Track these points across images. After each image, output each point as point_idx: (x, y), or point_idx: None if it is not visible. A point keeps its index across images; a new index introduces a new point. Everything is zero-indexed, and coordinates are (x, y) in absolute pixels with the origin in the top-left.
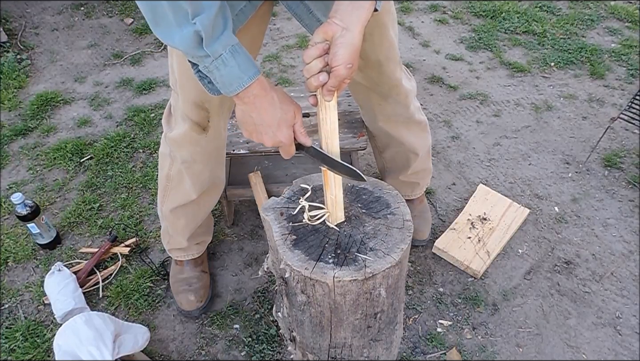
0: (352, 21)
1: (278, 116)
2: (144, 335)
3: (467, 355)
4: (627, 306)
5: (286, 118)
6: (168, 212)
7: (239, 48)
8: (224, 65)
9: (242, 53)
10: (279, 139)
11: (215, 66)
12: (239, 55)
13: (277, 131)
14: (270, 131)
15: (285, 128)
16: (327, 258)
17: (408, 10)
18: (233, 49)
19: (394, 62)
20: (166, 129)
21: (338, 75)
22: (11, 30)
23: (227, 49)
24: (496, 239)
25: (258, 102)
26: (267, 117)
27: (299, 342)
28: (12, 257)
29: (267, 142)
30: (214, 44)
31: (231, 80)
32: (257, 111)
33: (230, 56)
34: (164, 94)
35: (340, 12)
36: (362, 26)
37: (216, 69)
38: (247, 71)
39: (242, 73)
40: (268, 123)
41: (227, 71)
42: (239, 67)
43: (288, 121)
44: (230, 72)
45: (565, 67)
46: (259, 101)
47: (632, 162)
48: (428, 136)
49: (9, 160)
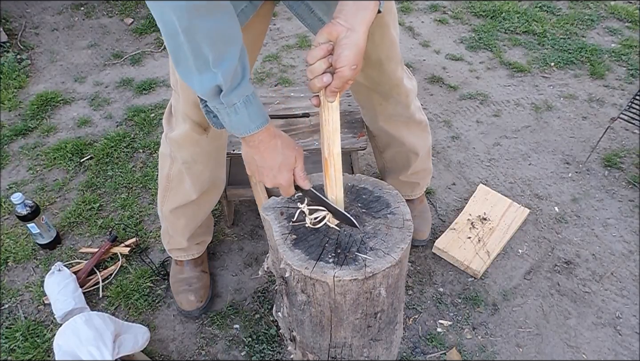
0: (356, 22)
1: (279, 161)
2: (144, 335)
3: (467, 355)
4: (627, 306)
5: (287, 163)
6: (168, 212)
7: (252, 98)
8: (235, 113)
9: (254, 103)
10: (278, 181)
11: (226, 112)
12: (252, 105)
13: (277, 174)
14: (271, 174)
15: (285, 172)
16: (327, 258)
17: (408, 10)
18: (247, 99)
19: (395, 62)
20: (167, 129)
21: (342, 76)
22: (11, 30)
23: (242, 99)
24: (496, 239)
25: (262, 147)
26: (269, 161)
27: (299, 342)
28: (12, 257)
29: (267, 183)
30: (231, 95)
31: (239, 126)
32: (260, 155)
33: (243, 106)
34: (164, 94)
35: (345, 12)
36: (366, 27)
37: (226, 115)
38: (256, 121)
39: (251, 122)
40: (270, 166)
41: (238, 119)
42: (249, 117)
43: (289, 165)
44: (240, 120)
45: (565, 67)
46: (263, 146)
47: (632, 162)
48: (428, 136)
49: (9, 160)
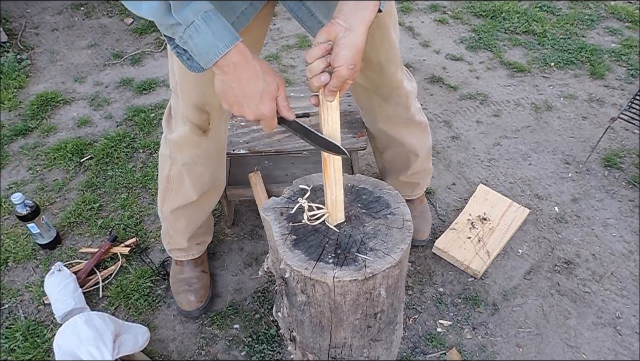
0: (355, 22)
1: (261, 88)
2: (144, 335)
3: (467, 355)
4: (627, 306)
5: (269, 90)
6: (168, 213)
7: (212, 14)
8: (197, 33)
9: (216, 20)
10: (261, 112)
11: (188, 35)
12: (213, 21)
13: (259, 104)
14: (252, 104)
15: (268, 101)
16: (327, 258)
17: (408, 10)
18: (206, 15)
19: (395, 64)
20: (166, 131)
21: (340, 76)
22: (11, 30)
23: (199, 15)
24: (496, 239)
25: (239, 71)
26: (249, 89)
27: (299, 342)
28: (12, 257)
29: (248, 115)
30: (184, 10)
31: (207, 49)
32: (237, 82)
33: (203, 23)
34: (164, 94)
35: (344, 12)
36: (365, 27)
37: (190, 38)
38: (223, 38)
39: (218, 40)
40: (250, 95)
41: (201, 39)
42: (213, 35)
43: (271, 93)
44: (205, 40)
45: (565, 67)
46: (240, 70)
47: (632, 162)
48: (428, 137)
49: (9, 160)
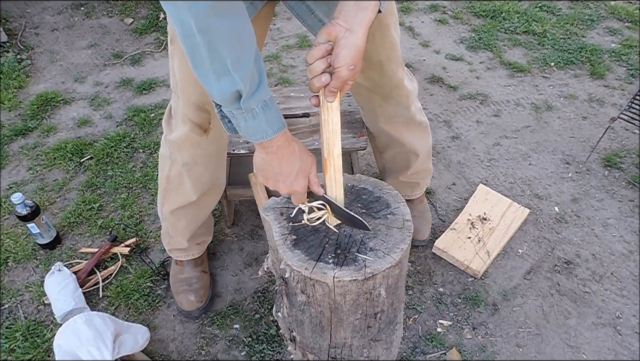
0: (356, 22)
1: (297, 167)
2: (144, 335)
3: (467, 355)
4: (627, 306)
5: (304, 169)
6: (168, 213)
7: (270, 103)
8: (253, 118)
9: (272, 108)
10: (295, 188)
11: (243, 118)
12: (270, 110)
13: (294, 181)
14: (288, 181)
15: (302, 178)
16: (327, 258)
17: (408, 10)
18: (265, 104)
19: (395, 63)
20: (166, 131)
21: (340, 76)
22: (11, 30)
23: (260, 104)
24: (496, 239)
25: (281, 152)
26: (287, 167)
27: (299, 342)
28: (12, 257)
29: (282, 190)
30: (250, 100)
31: (257, 132)
32: (278, 161)
33: (261, 111)
34: (164, 94)
35: (344, 13)
36: (366, 28)
37: (243, 120)
38: (274, 126)
39: (269, 128)
40: (287, 173)
41: (255, 124)
42: (267, 122)
43: (305, 171)
44: (257, 125)
45: (565, 67)
46: (282, 151)
47: (632, 162)
48: (429, 137)
49: (9, 160)
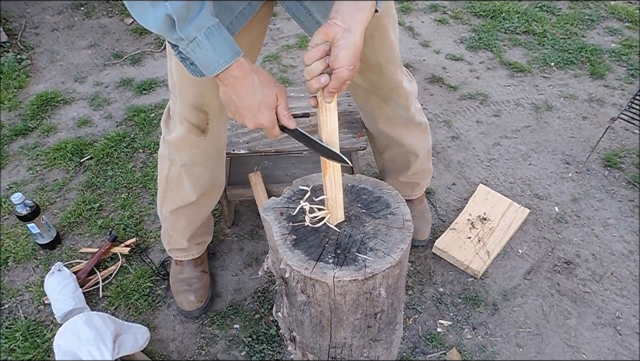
0: (354, 22)
1: (258, 99)
2: (144, 335)
3: (467, 355)
4: (627, 306)
5: (267, 101)
6: (168, 213)
7: (215, 30)
8: (199, 48)
9: (218, 35)
10: (259, 121)
11: (191, 49)
12: (215, 37)
13: (257, 113)
14: (250, 114)
15: (266, 111)
16: (327, 258)
17: (408, 10)
18: (209, 31)
19: (394, 65)
20: (165, 132)
21: (340, 77)
22: (11, 30)
23: (202, 31)
24: (496, 239)
25: (238, 84)
26: (247, 100)
27: (299, 342)
28: (12, 257)
29: (248, 124)
30: (188, 27)
31: (208, 63)
32: (237, 93)
33: (205, 39)
34: (164, 94)
35: (342, 13)
36: (364, 27)
37: (192, 52)
38: (224, 54)
39: (218, 56)
40: (248, 105)
41: (203, 54)
42: (214, 51)
43: (269, 103)
44: (206, 55)
45: (565, 67)
46: (239, 83)
47: (632, 162)
48: (428, 138)
49: (9, 160)
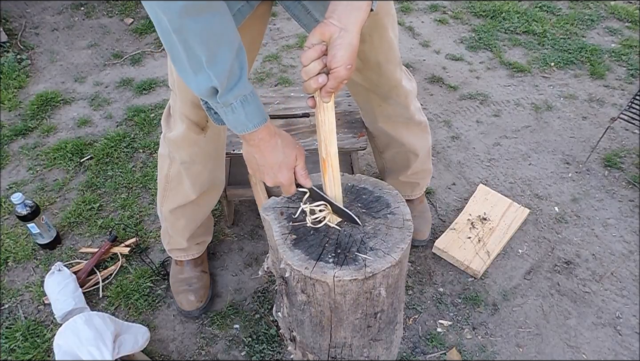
0: (349, 21)
1: (280, 160)
2: (144, 335)
3: (467, 355)
4: (627, 306)
5: (287, 162)
6: (168, 212)
7: (250, 97)
8: (232, 113)
9: (252, 102)
10: (279, 180)
11: (224, 112)
12: (249, 105)
13: (278, 173)
14: (271, 172)
15: (285, 171)
16: (327, 258)
17: (408, 10)
18: (244, 98)
19: (393, 64)
20: (165, 129)
21: (338, 76)
22: (11, 30)
23: (239, 99)
24: (496, 239)
25: (262, 145)
26: (270, 160)
27: (299, 342)
28: (12, 257)
29: (268, 182)
30: (227, 95)
31: (237, 125)
32: (260, 153)
33: (240, 106)
34: (164, 94)
35: (338, 12)
36: (359, 27)
37: (224, 114)
38: (254, 120)
39: (248, 121)
40: (270, 165)
41: (234, 117)
42: (246, 116)
43: (289, 164)
44: (237, 119)
45: (565, 67)
46: (264, 144)
47: (632, 162)
48: (428, 137)
49: (9, 160)
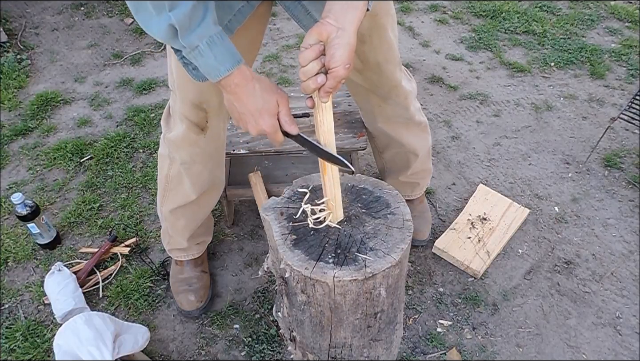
0: (346, 21)
1: (260, 106)
2: (144, 335)
3: (467, 355)
4: (627, 306)
5: (268, 108)
6: (168, 213)
7: (217, 38)
8: (201, 56)
9: (220, 44)
10: (261, 127)
11: (193, 56)
12: (216, 46)
13: (259, 119)
14: (252, 120)
15: (267, 117)
16: (327, 258)
17: (408, 10)
18: (210, 40)
19: (393, 64)
20: (165, 130)
21: (337, 76)
22: (11, 30)
23: (204, 40)
24: (496, 239)
25: (239, 91)
26: (249, 106)
27: (299, 342)
28: (12, 257)
29: (251, 131)
30: (190, 36)
31: (209, 70)
32: (239, 100)
33: (207, 47)
34: (164, 94)
35: (334, 12)
36: (356, 26)
37: (194, 59)
38: (225, 62)
39: (219, 64)
40: (250, 112)
41: (204, 62)
42: (215, 59)
43: (270, 110)
44: (207, 62)
45: (565, 67)
46: (240, 90)
47: (632, 162)
48: (428, 137)
49: (9, 160)
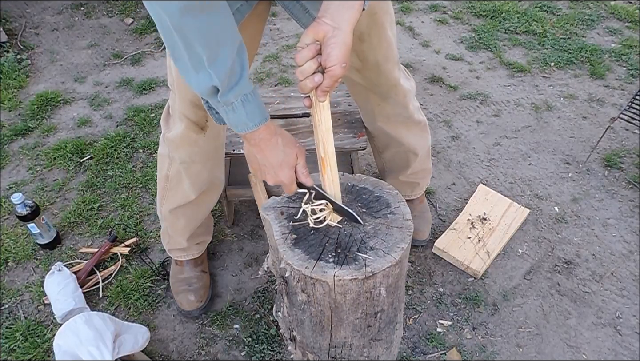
0: (343, 20)
1: (281, 159)
2: (144, 335)
3: (467, 355)
4: (627, 306)
5: (288, 161)
6: (167, 212)
7: (251, 97)
8: (233, 112)
9: (253, 102)
10: (280, 179)
11: (224, 111)
12: (250, 104)
13: (278, 172)
14: (272, 171)
15: (286, 170)
16: (328, 257)
17: (408, 10)
18: (245, 98)
19: (392, 63)
20: (164, 129)
21: (334, 75)
22: (11, 30)
23: (239, 98)
24: (496, 239)
25: (263, 144)
26: (270, 159)
27: (299, 342)
28: (12, 257)
29: (269, 181)
30: (228, 94)
31: (238, 124)
32: (261, 153)
33: (241, 105)
34: (164, 94)
35: (330, 11)
36: (352, 25)
37: (225, 113)
38: (254, 119)
39: (249, 121)
40: (271, 164)
41: (235, 117)
42: (247, 115)
43: (290, 163)
44: (238, 118)
45: (565, 67)
46: (264, 144)
47: (632, 162)
48: (428, 136)
49: (9, 160)
